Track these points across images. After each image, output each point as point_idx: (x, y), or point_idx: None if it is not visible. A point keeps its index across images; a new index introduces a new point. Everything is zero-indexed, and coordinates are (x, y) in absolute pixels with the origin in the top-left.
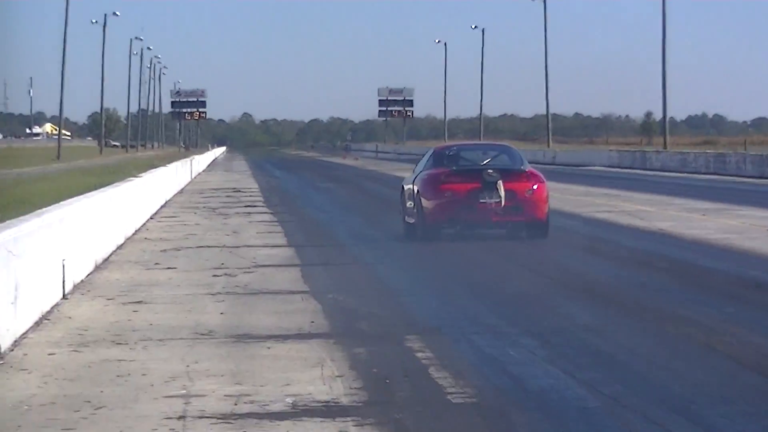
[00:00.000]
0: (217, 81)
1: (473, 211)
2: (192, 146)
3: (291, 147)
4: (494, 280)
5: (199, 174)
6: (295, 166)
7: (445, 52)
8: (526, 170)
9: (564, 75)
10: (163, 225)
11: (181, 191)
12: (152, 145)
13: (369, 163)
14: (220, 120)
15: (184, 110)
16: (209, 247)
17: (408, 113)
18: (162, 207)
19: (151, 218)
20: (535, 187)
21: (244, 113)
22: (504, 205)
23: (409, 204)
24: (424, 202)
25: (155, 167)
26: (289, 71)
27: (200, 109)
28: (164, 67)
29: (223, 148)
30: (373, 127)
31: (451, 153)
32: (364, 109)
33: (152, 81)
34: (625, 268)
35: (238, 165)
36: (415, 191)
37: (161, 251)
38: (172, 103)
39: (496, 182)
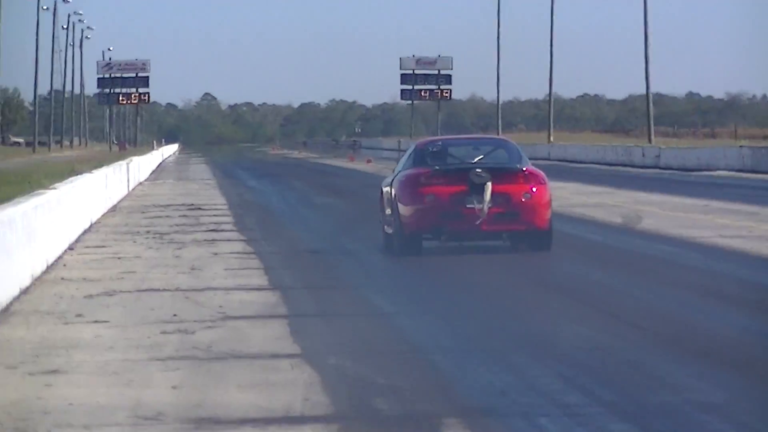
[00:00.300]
0: (167, 50)
1: (459, 218)
2: (130, 143)
3: (273, 144)
4: (550, 326)
5: (141, 184)
6: (279, 173)
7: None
8: (524, 169)
9: (673, 41)
10: (88, 259)
11: (114, 209)
12: (71, 142)
13: (388, 166)
14: (170, 105)
15: (118, 91)
16: (156, 290)
17: (444, 94)
18: (86, 232)
19: (69, 249)
20: (533, 189)
21: (206, 95)
22: (494, 212)
23: (388, 211)
24: (401, 208)
25: (76, 174)
26: (270, 36)
27: (141, 90)
28: (88, 27)
29: (176, 147)
30: (394, 115)
31: (435, 149)
32: (379, 88)
33: (71, 48)
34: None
35: (197, 171)
36: (393, 195)
37: (85, 297)
38: (100, 80)
39: (485, 184)
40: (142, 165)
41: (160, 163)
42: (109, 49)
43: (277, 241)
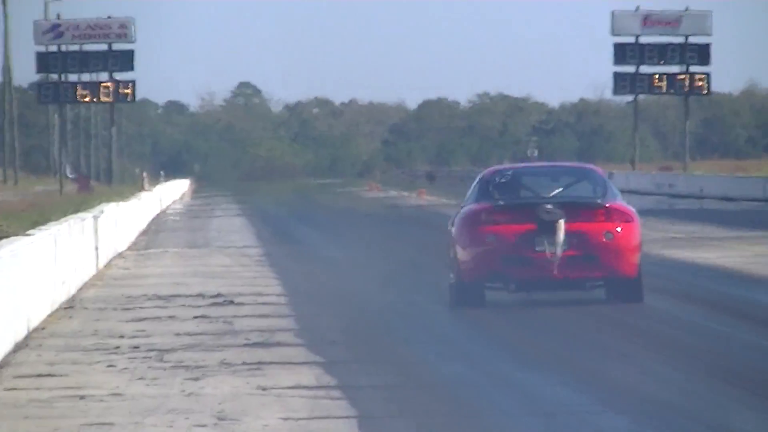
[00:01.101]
0: (166, 4)
1: (526, 263)
2: (97, 178)
3: (371, 177)
4: None
5: (121, 255)
6: (382, 234)
7: None
8: (606, 204)
9: None
10: (22, 399)
11: (72, 303)
12: None
13: None
14: (173, 106)
15: (74, 79)
16: None
17: (697, 83)
18: (17, 350)
19: None
20: (618, 229)
21: (241, 86)
22: (567, 255)
23: (451, 254)
24: (459, 252)
25: None
26: None
27: (118, 76)
28: None
29: (186, 184)
30: (600, 122)
31: (503, 180)
32: (574, 73)
33: None
34: None
35: (227, 229)
36: (452, 236)
37: None
38: (41, 59)
39: (557, 221)
40: (123, 219)
41: (158, 215)
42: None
43: (382, 366)
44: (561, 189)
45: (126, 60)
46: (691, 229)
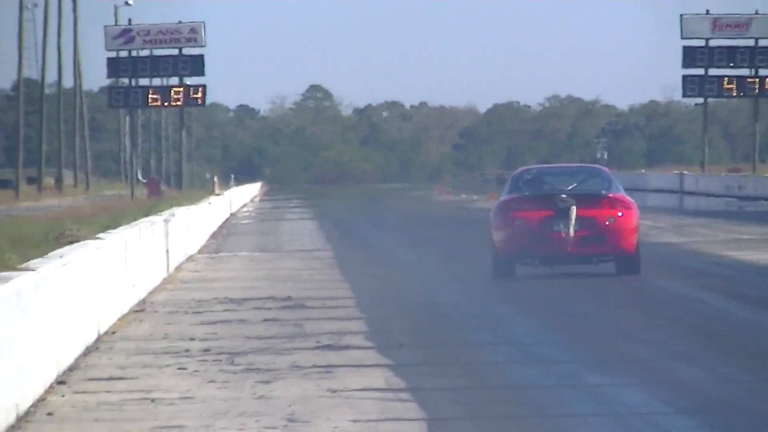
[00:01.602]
0: (234, 10)
1: (546, 242)
2: (168, 183)
3: (440, 182)
4: None
5: (192, 259)
6: (453, 237)
7: None
8: (609, 195)
9: None
10: (92, 403)
11: (143, 307)
12: (59, 180)
13: (658, 225)
14: (243, 110)
15: (145, 84)
16: None
17: (767, 84)
18: (88, 353)
19: (58, 383)
20: (619, 214)
21: (312, 89)
22: (579, 235)
23: (490, 236)
24: (495, 233)
25: (67, 243)
26: None
27: (189, 80)
28: None
29: (257, 187)
30: (669, 124)
31: (529, 177)
32: (643, 76)
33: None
34: None
35: (298, 233)
36: (490, 221)
37: None
38: (111, 64)
39: (570, 208)
40: (194, 223)
41: (228, 219)
42: (127, 3)
43: (452, 369)
44: (575, 184)
45: (196, 64)
46: (760, 231)
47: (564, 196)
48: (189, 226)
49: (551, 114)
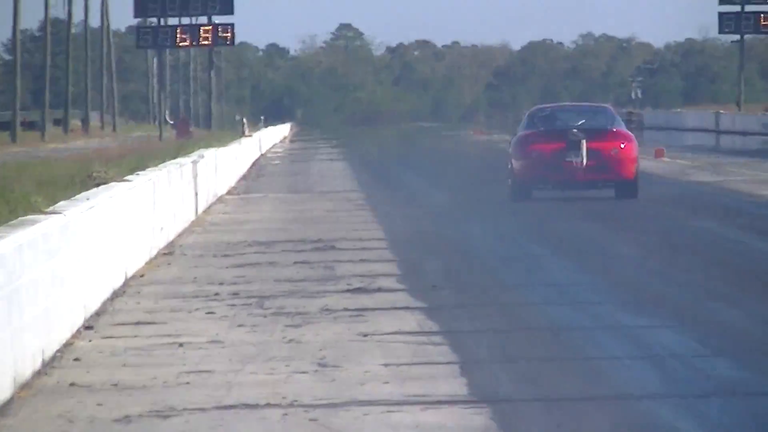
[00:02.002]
0: None
1: (559, 170)
2: (197, 124)
3: (475, 122)
4: None
5: (221, 200)
6: (486, 178)
7: None
8: (613, 129)
9: None
10: (120, 347)
11: (171, 250)
12: (86, 122)
13: (696, 163)
14: (273, 49)
15: (173, 23)
16: (252, 408)
17: None
18: (115, 296)
19: (86, 328)
20: (622, 145)
21: (342, 28)
22: (588, 164)
23: (509, 166)
24: (514, 163)
25: (94, 184)
26: None
27: (218, 19)
28: None
29: (287, 128)
30: (705, 62)
31: (544, 114)
32: (677, 13)
33: None
34: None
35: (328, 174)
36: (509, 153)
37: (116, 421)
38: (140, 1)
39: (580, 141)
40: (223, 164)
41: (257, 160)
42: None
43: (485, 310)
44: (583, 120)
45: (225, 2)
46: None
47: (575, 130)
48: (218, 167)
49: (586, 52)
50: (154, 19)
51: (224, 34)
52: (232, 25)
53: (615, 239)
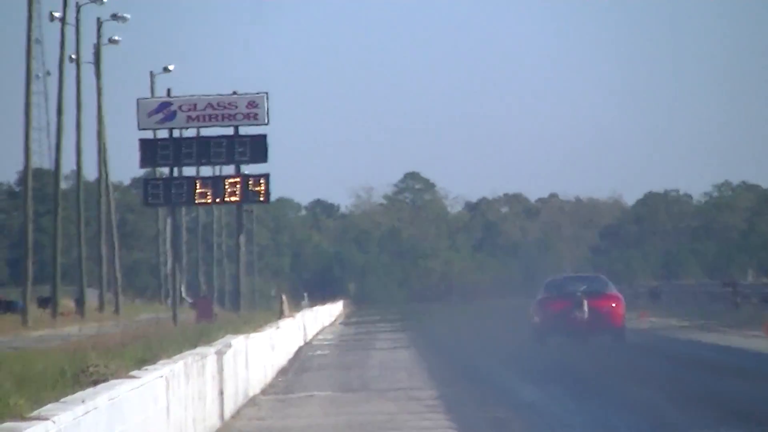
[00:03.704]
0: (297, 79)
1: (568, 322)
2: (222, 304)
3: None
4: None
5: (252, 401)
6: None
7: None
8: (606, 292)
9: None
10: None
11: None
12: (81, 301)
13: None
14: (320, 207)
15: (190, 173)
16: None
17: None
18: None
19: None
20: (613, 304)
21: (408, 177)
22: (588, 318)
23: (532, 319)
24: (535, 317)
25: (82, 386)
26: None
27: (248, 169)
28: (111, 40)
29: (338, 307)
30: None
31: (556, 282)
32: None
33: (73, 67)
34: None
35: (387, 362)
36: (533, 310)
37: None
38: (145, 147)
39: (583, 301)
40: (257, 355)
41: (300, 349)
42: (166, 69)
43: None
44: (585, 286)
45: (258, 148)
46: None
47: (579, 293)
48: (250, 359)
49: (720, 206)
50: (166, 170)
51: (257, 188)
52: (267, 176)
53: None
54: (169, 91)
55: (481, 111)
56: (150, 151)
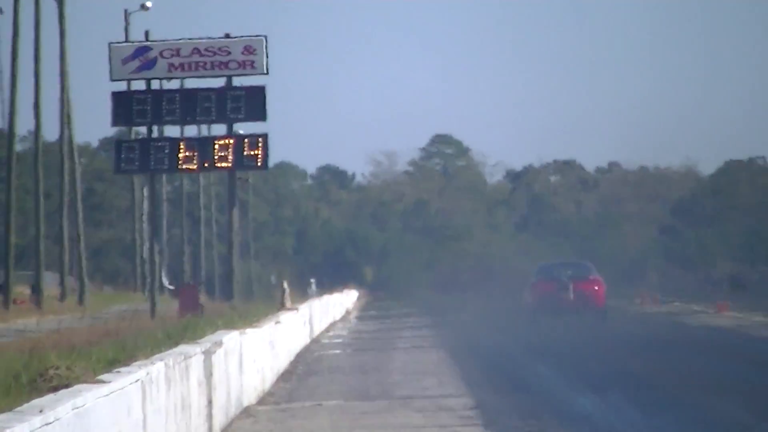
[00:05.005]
0: (294, 22)
1: (556, 300)
2: (210, 292)
3: (642, 286)
4: None
5: (247, 411)
6: None
7: None
8: (590, 277)
9: None
10: None
11: None
12: (37, 289)
13: None
14: (325, 171)
15: (174, 134)
16: None
17: None
18: None
19: None
20: (596, 287)
21: (436, 139)
22: (574, 299)
23: (525, 299)
24: (529, 297)
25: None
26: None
27: (240, 126)
28: None
29: (352, 296)
30: None
31: (547, 268)
32: None
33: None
34: None
35: (411, 364)
36: (527, 291)
37: None
38: (118, 100)
39: (569, 284)
40: (253, 356)
41: (306, 348)
42: (144, 7)
43: None
44: (571, 271)
45: (254, 103)
46: None
47: (565, 278)
48: (244, 360)
49: None
50: (143, 129)
51: (253, 152)
52: (266, 136)
53: None
54: (147, 33)
55: (527, 66)
56: (124, 107)
